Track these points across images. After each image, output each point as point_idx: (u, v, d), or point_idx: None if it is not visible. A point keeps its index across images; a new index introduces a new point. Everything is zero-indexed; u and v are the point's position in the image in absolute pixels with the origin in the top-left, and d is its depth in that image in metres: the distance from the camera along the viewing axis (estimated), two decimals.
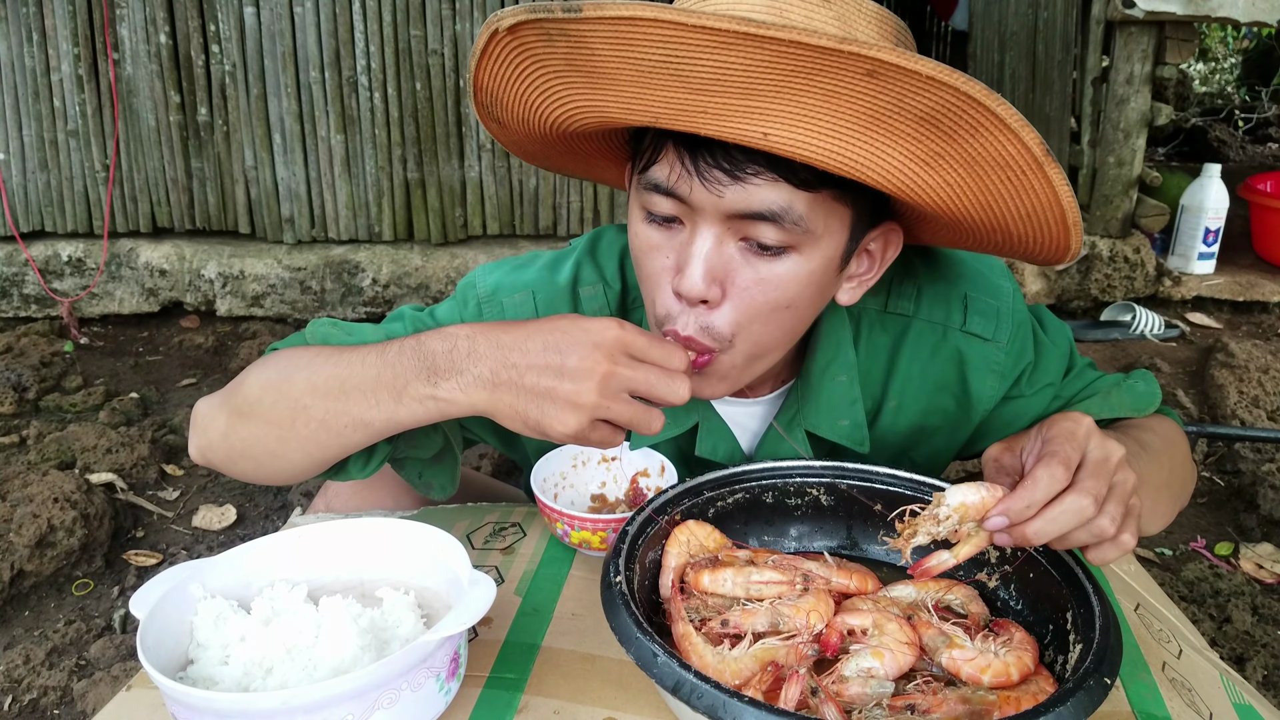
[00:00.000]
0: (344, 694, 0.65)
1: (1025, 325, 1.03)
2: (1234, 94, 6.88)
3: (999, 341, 1.01)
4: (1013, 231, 0.80)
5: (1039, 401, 1.04)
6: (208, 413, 0.94)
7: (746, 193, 0.77)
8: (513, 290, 1.04)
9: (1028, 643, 0.77)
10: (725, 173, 0.76)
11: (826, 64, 0.65)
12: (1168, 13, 3.10)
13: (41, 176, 3.44)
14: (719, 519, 0.92)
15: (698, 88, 0.69)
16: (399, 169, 3.44)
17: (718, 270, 0.81)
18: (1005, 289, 1.03)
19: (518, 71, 0.80)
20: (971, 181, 0.73)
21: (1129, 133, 3.34)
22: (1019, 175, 0.71)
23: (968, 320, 1.01)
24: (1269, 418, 2.65)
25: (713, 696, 0.62)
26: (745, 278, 0.82)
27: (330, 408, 0.83)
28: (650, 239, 0.85)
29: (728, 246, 0.81)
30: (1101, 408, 1.01)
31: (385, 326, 1.03)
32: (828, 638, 0.76)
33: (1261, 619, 1.89)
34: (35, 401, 2.90)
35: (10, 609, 1.97)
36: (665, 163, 0.80)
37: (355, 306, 3.51)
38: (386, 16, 3.27)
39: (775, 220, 0.78)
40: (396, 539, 0.84)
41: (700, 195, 0.78)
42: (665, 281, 0.85)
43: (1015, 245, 0.84)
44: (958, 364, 1.02)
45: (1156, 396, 1.04)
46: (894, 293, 1.02)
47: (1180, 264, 3.56)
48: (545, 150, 0.95)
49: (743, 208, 0.78)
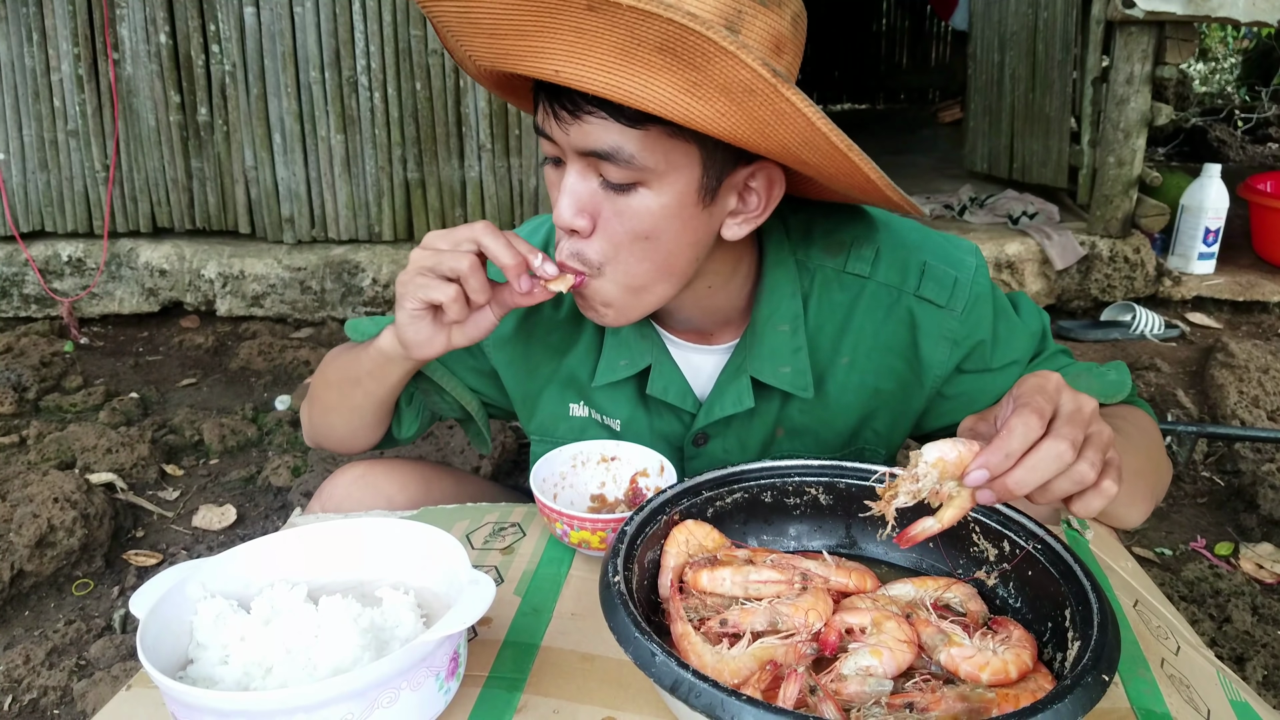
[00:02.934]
0: (344, 693, 0.65)
1: (985, 299, 1.06)
2: (1234, 94, 6.88)
3: (953, 309, 1.05)
4: (806, 161, 0.84)
5: (1004, 379, 1.07)
6: (302, 410, 1.24)
7: (585, 132, 0.84)
8: (527, 228, 1.23)
9: (1026, 640, 0.77)
10: (569, 113, 0.84)
11: (550, 3, 0.71)
12: (1168, 13, 3.10)
13: (41, 176, 3.44)
14: (718, 518, 0.92)
15: (490, 32, 0.78)
16: (399, 169, 3.45)
17: (585, 203, 0.89)
18: (968, 263, 1.07)
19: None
20: (735, 109, 0.77)
21: (1129, 133, 3.34)
22: (767, 100, 0.75)
23: (922, 285, 1.06)
24: (1269, 418, 2.65)
25: (711, 695, 0.62)
26: (606, 211, 0.90)
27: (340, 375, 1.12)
28: (549, 178, 0.94)
29: (590, 181, 0.89)
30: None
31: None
32: (826, 636, 0.76)
33: (1261, 619, 1.89)
34: (35, 401, 2.90)
35: (10, 609, 1.97)
36: (541, 108, 0.88)
37: (355, 306, 3.51)
38: (386, 16, 3.27)
39: (611, 158, 0.85)
40: (396, 539, 0.84)
41: (559, 135, 0.87)
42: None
43: (824, 181, 0.91)
44: (910, 327, 1.06)
45: (1126, 386, 1.06)
46: (852, 255, 1.07)
47: (1180, 264, 3.56)
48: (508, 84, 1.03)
49: (584, 145, 0.85)
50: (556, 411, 1.18)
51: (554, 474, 1.05)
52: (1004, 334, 1.08)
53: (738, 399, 1.09)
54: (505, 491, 1.35)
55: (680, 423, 1.14)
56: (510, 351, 1.16)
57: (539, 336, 1.15)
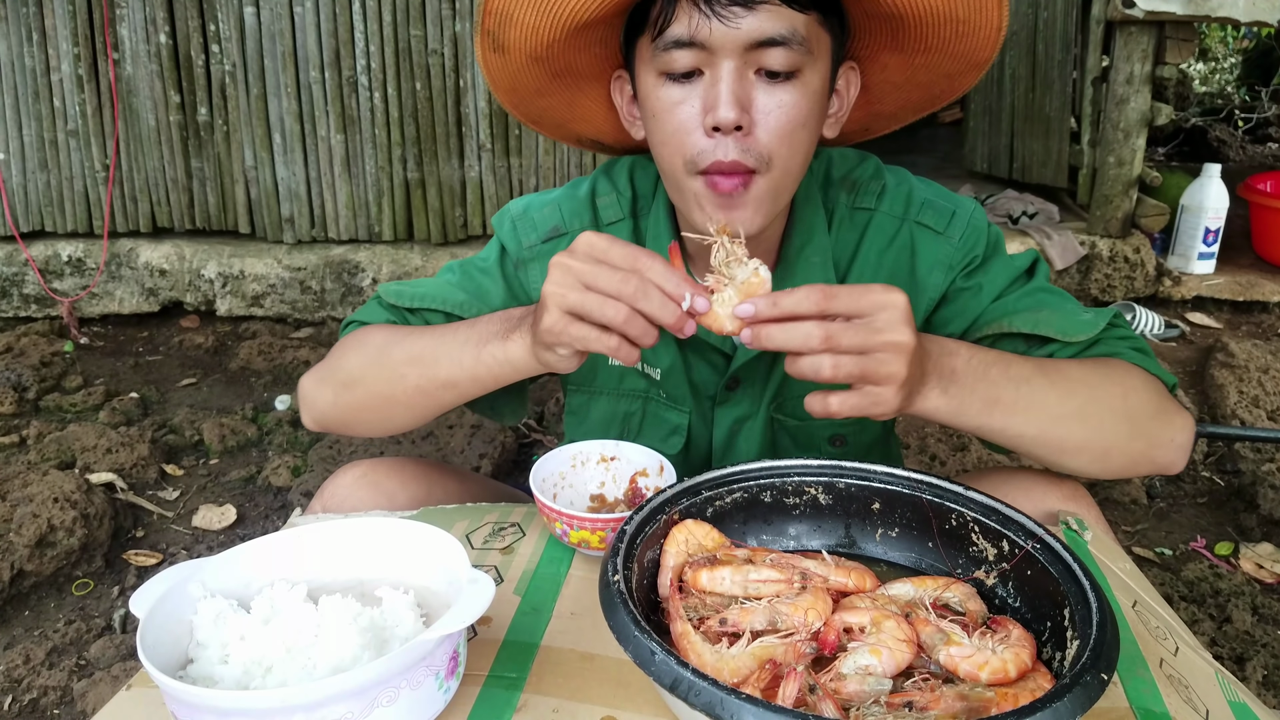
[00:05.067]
0: (343, 692, 0.65)
1: (981, 232, 1.12)
2: (1234, 94, 6.87)
3: (950, 237, 1.11)
4: (959, 14, 0.93)
5: (972, 300, 1.11)
6: (313, 388, 1.13)
7: (759, 20, 0.89)
8: (541, 206, 1.19)
9: (1025, 639, 0.77)
10: (741, 5, 0.88)
11: None
12: (1168, 13, 3.10)
13: (41, 176, 3.44)
14: (717, 518, 0.92)
15: None
16: (399, 169, 3.45)
17: (743, 99, 0.92)
18: (968, 204, 1.13)
19: None
20: None
21: (1129, 133, 3.34)
22: None
23: (922, 213, 1.12)
24: (1269, 418, 2.65)
25: (710, 694, 0.62)
26: (767, 104, 0.93)
27: (424, 373, 1.03)
28: (672, 97, 0.95)
29: (747, 78, 0.93)
30: (1027, 322, 1.05)
31: (440, 278, 1.19)
32: (825, 635, 0.77)
33: (1261, 619, 1.89)
34: (35, 401, 2.90)
35: (10, 609, 1.97)
36: (681, 16, 0.91)
37: (355, 307, 3.51)
38: (386, 16, 3.27)
39: (785, 43, 0.90)
40: (396, 539, 0.84)
41: (720, 34, 0.90)
42: (694, 127, 0.95)
43: (958, 39, 0.97)
44: (909, 252, 1.12)
45: (1092, 326, 1.04)
46: (861, 190, 1.14)
47: (1180, 264, 3.56)
48: (540, 76, 1.05)
49: (758, 35, 0.89)
50: (597, 359, 1.20)
51: (554, 474, 1.05)
52: (988, 262, 1.13)
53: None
54: (506, 491, 1.35)
55: (714, 369, 1.18)
56: None
57: None
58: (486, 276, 1.18)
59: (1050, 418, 0.96)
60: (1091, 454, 0.99)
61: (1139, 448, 1.01)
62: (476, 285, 1.17)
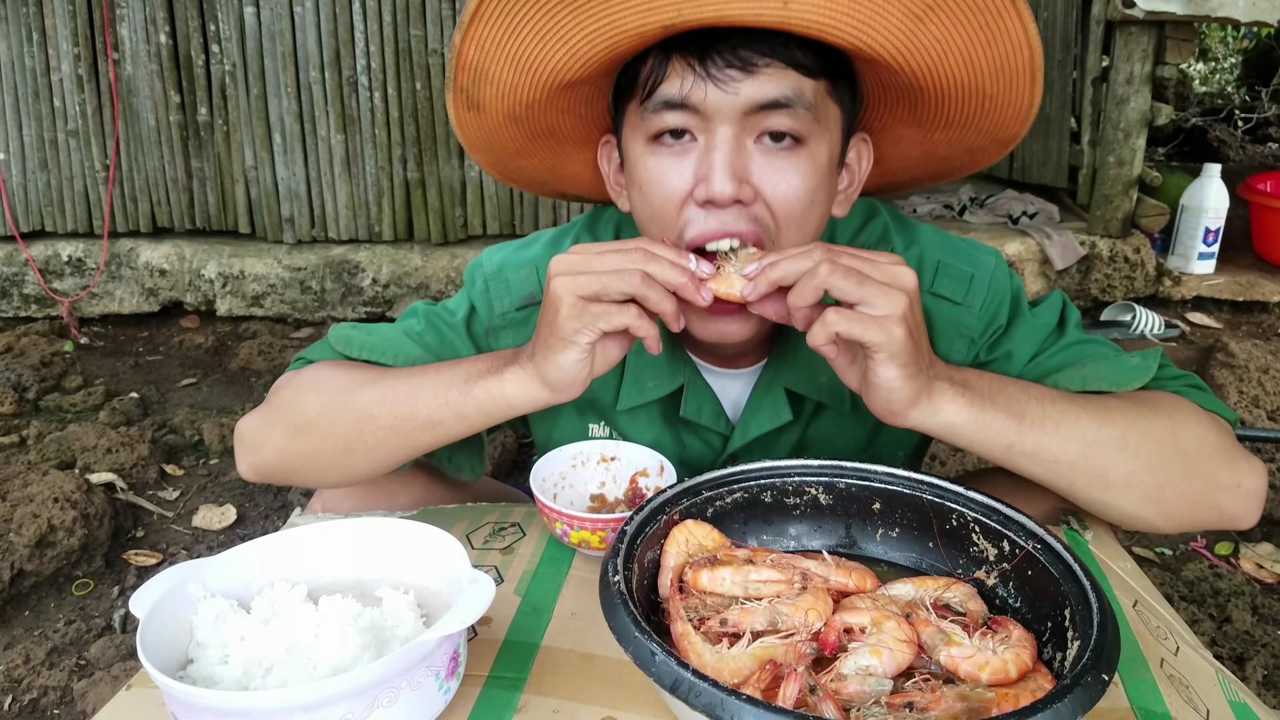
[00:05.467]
0: (343, 693, 0.65)
1: (1003, 295, 1.03)
2: (1234, 94, 6.88)
3: (970, 306, 1.02)
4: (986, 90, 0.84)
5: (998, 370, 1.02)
6: (256, 431, 0.99)
7: (760, 84, 0.81)
8: (517, 266, 1.08)
9: (1026, 640, 0.77)
10: (739, 68, 0.80)
11: None
12: (1168, 12, 3.10)
13: (41, 176, 3.44)
14: (717, 518, 0.92)
15: None
16: (399, 169, 3.45)
17: (741, 170, 0.85)
18: (986, 262, 1.04)
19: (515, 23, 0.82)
20: (955, 32, 0.79)
21: (1129, 133, 3.34)
22: (995, 18, 0.78)
23: (936, 282, 1.03)
24: (1269, 418, 2.65)
25: (711, 695, 0.62)
26: (771, 173, 0.85)
27: (399, 414, 0.91)
28: (660, 165, 0.88)
29: (746, 146, 0.85)
30: (1073, 380, 0.96)
31: (401, 325, 1.08)
32: (826, 636, 0.76)
33: (1261, 619, 1.89)
34: (35, 401, 2.90)
35: (10, 609, 1.97)
36: (674, 78, 0.83)
37: (355, 306, 3.51)
38: (386, 16, 3.27)
39: (789, 106, 0.82)
40: (396, 539, 0.84)
41: (715, 98, 0.82)
42: (686, 201, 0.88)
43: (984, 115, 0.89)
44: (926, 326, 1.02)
45: (1144, 371, 0.95)
46: None
47: (1180, 264, 3.56)
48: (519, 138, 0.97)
49: (759, 99, 0.82)
50: (575, 432, 1.15)
51: (554, 474, 1.05)
52: (1012, 328, 1.05)
53: (775, 413, 1.06)
54: (507, 491, 1.35)
55: (709, 446, 1.12)
56: None
57: None
58: (453, 333, 1.09)
59: (1087, 442, 0.86)
60: (1142, 491, 0.87)
61: (1198, 489, 0.89)
62: (440, 339, 1.08)
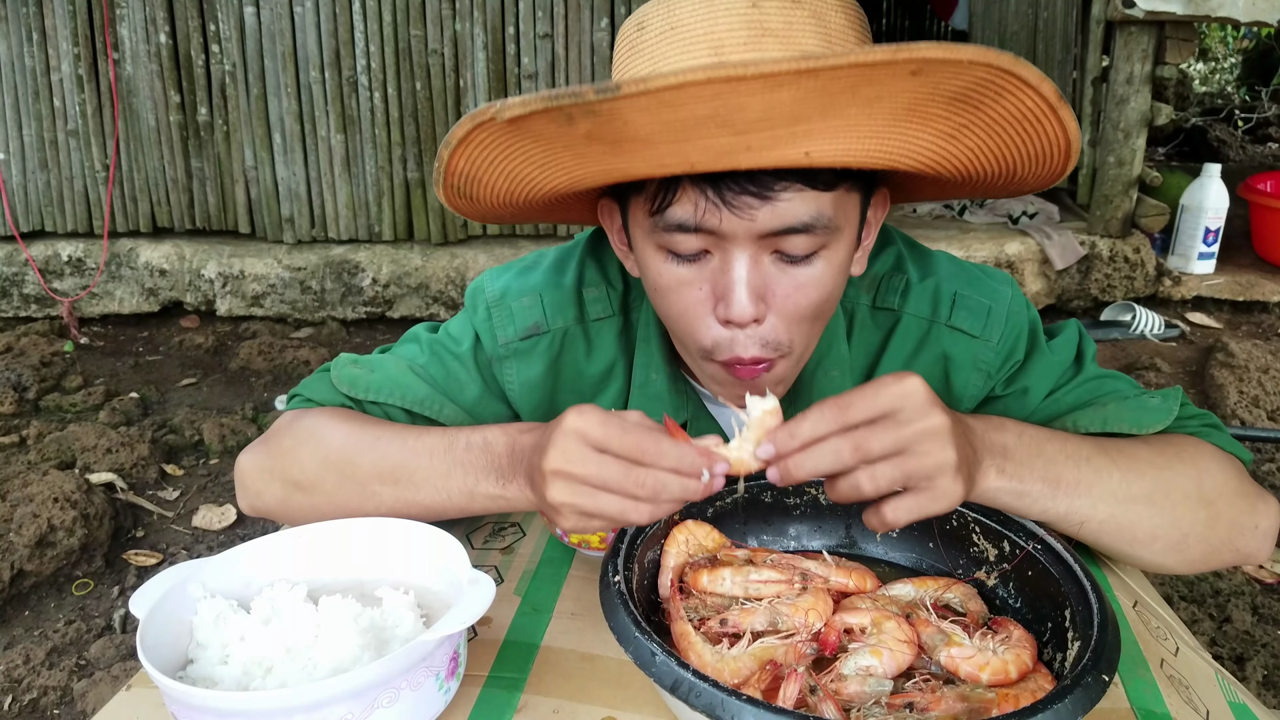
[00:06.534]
0: (343, 693, 0.65)
1: (1021, 328, 1.02)
2: (1234, 94, 6.88)
3: (988, 339, 1.00)
4: (1017, 174, 0.81)
5: (1017, 405, 1.01)
6: (257, 477, 0.99)
7: (777, 211, 0.77)
8: (520, 294, 1.05)
9: (1026, 640, 0.77)
10: (755, 196, 0.76)
11: (876, 74, 0.65)
12: (1168, 13, 3.10)
13: (41, 176, 3.44)
14: (718, 518, 0.92)
15: (742, 129, 0.69)
16: (399, 169, 3.45)
17: (760, 289, 0.82)
18: (1004, 293, 1.02)
19: (509, 152, 0.78)
20: (990, 141, 0.76)
21: (1129, 133, 3.34)
22: (1034, 124, 0.73)
23: (954, 315, 1.01)
24: (1269, 418, 2.65)
25: (711, 695, 0.62)
26: (784, 287, 0.83)
27: (401, 495, 0.90)
28: (677, 276, 0.84)
29: (762, 263, 0.82)
30: (1094, 420, 0.96)
31: (405, 354, 1.05)
32: (826, 636, 0.76)
33: (1261, 619, 1.89)
34: (35, 401, 2.90)
35: (10, 609, 1.97)
36: (686, 201, 0.79)
37: (355, 306, 3.51)
38: (386, 16, 3.27)
39: (808, 230, 0.79)
40: (396, 539, 0.84)
41: (731, 223, 0.78)
42: (704, 313, 0.85)
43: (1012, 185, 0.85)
44: (941, 360, 1.02)
45: (1165, 414, 0.94)
46: (883, 287, 1.03)
47: (1180, 264, 3.56)
48: (514, 214, 0.94)
49: (776, 225, 0.78)
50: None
51: None
52: (1030, 363, 1.02)
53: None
54: None
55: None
56: (537, 396, 1.07)
57: (566, 384, 1.07)
58: (459, 364, 1.05)
59: (1117, 500, 0.86)
60: (1166, 542, 0.89)
61: (1220, 535, 0.90)
62: (446, 371, 1.05)
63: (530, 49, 3.32)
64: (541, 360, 1.04)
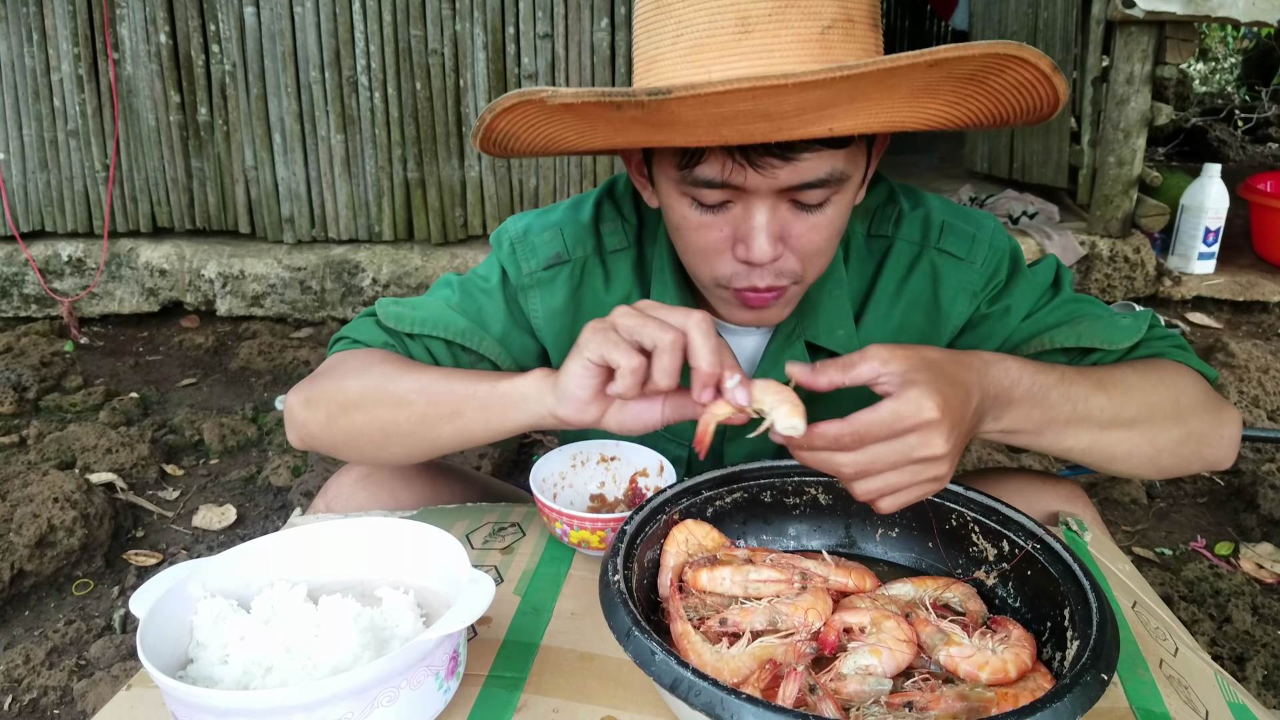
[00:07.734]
0: (343, 692, 0.65)
1: (1004, 253, 1.10)
2: (1234, 94, 6.88)
3: (973, 262, 1.09)
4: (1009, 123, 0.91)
5: (1000, 324, 1.09)
6: (304, 407, 1.06)
7: (798, 169, 0.85)
8: (542, 230, 1.14)
9: (1025, 640, 0.77)
10: (778, 158, 0.84)
11: (899, 70, 0.73)
12: (1168, 12, 3.10)
13: (41, 176, 3.44)
14: (717, 518, 0.92)
15: (777, 118, 0.77)
16: (399, 169, 3.45)
17: (778, 232, 0.91)
18: (988, 224, 1.11)
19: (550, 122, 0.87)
20: (990, 104, 0.86)
21: (1129, 132, 3.34)
22: (1030, 89, 0.82)
23: (943, 239, 1.10)
24: (1269, 418, 2.65)
25: (710, 694, 0.62)
26: (800, 229, 0.92)
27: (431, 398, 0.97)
28: (700, 220, 0.93)
29: (780, 210, 0.90)
30: (1069, 336, 1.05)
31: (438, 294, 1.14)
32: (826, 636, 0.77)
33: (1261, 619, 1.89)
34: (35, 401, 2.90)
35: (10, 609, 1.97)
36: (714, 161, 0.86)
37: (355, 306, 3.51)
38: (386, 16, 3.27)
39: (825, 184, 0.88)
40: (396, 539, 0.84)
41: (754, 180, 0.86)
42: (724, 249, 0.94)
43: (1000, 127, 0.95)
44: (931, 280, 1.10)
45: (1135, 331, 1.04)
46: (877, 216, 1.12)
47: (1180, 264, 3.56)
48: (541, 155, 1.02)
49: (795, 181, 0.86)
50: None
51: (554, 474, 1.05)
52: (1012, 283, 1.11)
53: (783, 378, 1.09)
54: (507, 491, 1.35)
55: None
56: (559, 324, 1.13)
57: (586, 313, 1.12)
58: (487, 298, 1.13)
59: (1102, 429, 0.95)
60: (1142, 458, 0.99)
61: (1191, 448, 1.00)
62: (478, 307, 1.13)
63: (530, 49, 3.32)
64: (564, 289, 1.12)
